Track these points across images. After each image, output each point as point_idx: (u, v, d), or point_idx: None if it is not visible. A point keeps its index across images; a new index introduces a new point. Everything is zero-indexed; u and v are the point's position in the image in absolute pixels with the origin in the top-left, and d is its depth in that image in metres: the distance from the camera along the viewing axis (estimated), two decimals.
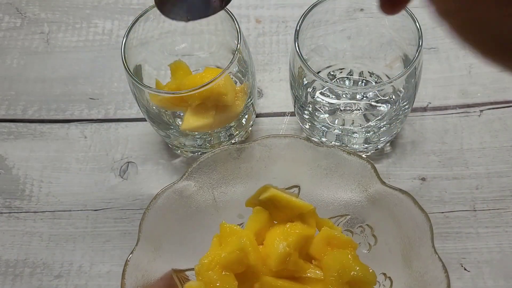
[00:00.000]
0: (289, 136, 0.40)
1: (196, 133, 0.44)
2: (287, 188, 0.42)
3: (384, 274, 0.39)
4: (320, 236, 0.39)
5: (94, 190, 0.48)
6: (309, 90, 0.46)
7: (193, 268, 0.38)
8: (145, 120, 0.49)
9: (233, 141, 0.48)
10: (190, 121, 0.43)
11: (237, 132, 0.47)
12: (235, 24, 0.42)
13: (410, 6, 0.42)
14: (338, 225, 0.42)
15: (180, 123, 0.44)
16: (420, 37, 0.40)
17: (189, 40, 0.48)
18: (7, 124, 0.52)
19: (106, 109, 0.52)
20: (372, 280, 0.37)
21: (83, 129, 0.52)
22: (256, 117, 0.51)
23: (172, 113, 0.46)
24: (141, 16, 0.43)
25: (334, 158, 0.39)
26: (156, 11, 0.43)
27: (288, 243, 0.37)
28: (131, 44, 0.43)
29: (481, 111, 0.50)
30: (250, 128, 0.49)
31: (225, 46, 0.47)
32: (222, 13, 0.43)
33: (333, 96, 0.46)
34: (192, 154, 0.49)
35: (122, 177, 0.49)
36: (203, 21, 0.46)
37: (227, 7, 0.42)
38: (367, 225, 0.41)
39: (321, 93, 0.46)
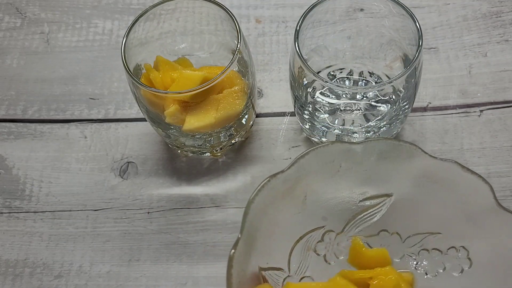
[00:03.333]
0: (401, 141, 0.37)
1: (197, 133, 0.44)
2: (378, 197, 0.40)
3: None
4: None
5: (94, 190, 0.48)
6: (309, 90, 0.46)
7: (275, 268, 0.37)
8: (145, 120, 0.49)
9: (233, 141, 0.48)
10: (191, 121, 0.43)
11: (237, 132, 0.47)
12: (235, 24, 0.42)
13: (410, 6, 0.42)
14: (426, 244, 0.40)
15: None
16: (420, 37, 0.40)
17: (189, 40, 0.48)
18: (7, 124, 0.52)
19: (106, 109, 0.52)
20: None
21: (83, 129, 0.52)
22: (256, 117, 0.51)
23: None
24: (141, 16, 0.43)
25: (447, 172, 0.37)
26: (156, 11, 0.43)
27: None
28: (131, 44, 0.43)
29: (481, 111, 0.50)
30: (250, 128, 0.50)
31: (225, 46, 0.47)
32: (222, 13, 0.43)
33: (333, 96, 0.46)
34: (192, 154, 0.49)
35: (122, 177, 0.49)
36: (203, 21, 0.46)
37: (227, 7, 0.43)
38: (462, 247, 0.38)
39: (321, 93, 0.46)
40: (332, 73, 0.48)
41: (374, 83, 0.47)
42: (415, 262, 0.40)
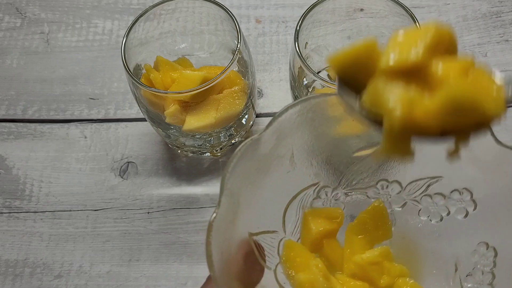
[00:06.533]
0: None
1: (197, 133, 0.44)
2: (372, 145, 0.37)
3: (486, 243, 0.35)
4: None
5: (94, 190, 0.48)
6: (309, 90, 0.46)
7: (267, 231, 0.35)
8: (145, 120, 0.49)
9: (233, 141, 0.48)
10: (191, 122, 0.43)
11: (237, 132, 0.47)
12: (235, 24, 0.42)
13: (410, 6, 0.42)
14: (427, 190, 0.37)
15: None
16: None
17: (189, 40, 0.48)
18: (7, 124, 0.52)
19: (106, 109, 0.52)
20: None
21: (83, 129, 0.52)
22: (256, 117, 0.51)
23: None
24: (141, 16, 0.43)
25: None
26: (156, 11, 0.43)
27: None
28: (131, 44, 0.43)
29: None
30: (250, 128, 0.50)
31: (225, 46, 0.47)
32: (222, 13, 0.43)
33: None
34: (192, 154, 0.49)
35: (122, 177, 0.49)
36: (203, 21, 0.46)
37: (227, 7, 0.43)
38: (465, 188, 0.36)
39: None
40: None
41: None
42: (418, 209, 0.39)
